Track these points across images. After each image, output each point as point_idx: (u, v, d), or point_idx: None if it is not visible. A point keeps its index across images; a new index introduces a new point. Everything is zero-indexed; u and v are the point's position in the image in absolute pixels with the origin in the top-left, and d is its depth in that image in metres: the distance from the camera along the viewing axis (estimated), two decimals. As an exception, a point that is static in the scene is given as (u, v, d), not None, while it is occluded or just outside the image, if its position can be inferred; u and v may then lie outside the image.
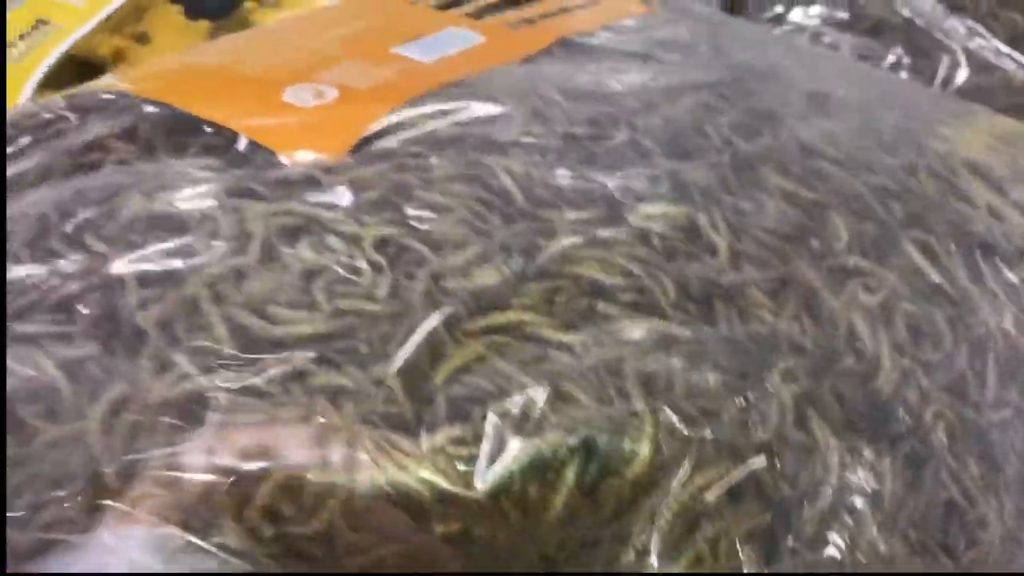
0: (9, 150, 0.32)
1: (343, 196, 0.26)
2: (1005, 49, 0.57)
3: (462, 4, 0.37)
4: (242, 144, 0.28)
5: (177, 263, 0.25)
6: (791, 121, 0.30)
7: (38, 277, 0.25)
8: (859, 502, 0.21)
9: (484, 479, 0.20)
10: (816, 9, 0.56)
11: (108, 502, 0.22)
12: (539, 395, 0.21)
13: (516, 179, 0.26)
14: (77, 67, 0.39)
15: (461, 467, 0.21)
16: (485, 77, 0.31)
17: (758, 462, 0.20)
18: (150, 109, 0.30)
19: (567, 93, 0.30)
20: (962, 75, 0.56)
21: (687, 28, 0.38)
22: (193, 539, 0.21)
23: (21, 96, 0.38)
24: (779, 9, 0.56)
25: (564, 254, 0.24)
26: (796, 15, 0.56)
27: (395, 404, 0.22)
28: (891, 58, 0.57)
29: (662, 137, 0.28)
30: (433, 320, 0.23)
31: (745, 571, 0.20)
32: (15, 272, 0.26)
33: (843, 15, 0.56)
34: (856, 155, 0.30)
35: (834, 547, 0.21)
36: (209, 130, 0.29)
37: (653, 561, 0.20)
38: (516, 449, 0.20)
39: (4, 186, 0.30)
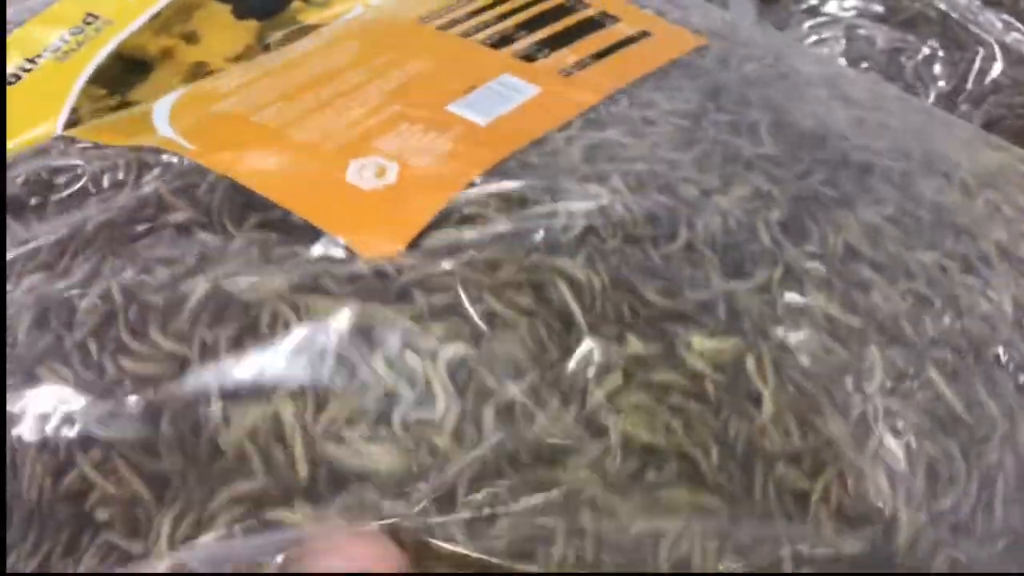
0: (64, 193, 0.32)
1: (415, 299, 0.27)
2: (1040, 43, 0.58)
3: (513, 40, 0.37)
4: (307, 227, 0.29)
5: (254, 373, 0.26)
6: (838, 213, 0.31)
7: (111, 378, 0.27)
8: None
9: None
10: (851, 1, 0.56)
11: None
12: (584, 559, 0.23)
13: (577, 294, 0.27)
14: (123, 63, 0.39)
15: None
16: (545, 150, 0.31)
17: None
18: (212, 178, 0.30)
19: (627, 179, 0.30)
20: (997, 68, 0.57)
21: (737, 70, 0.38)
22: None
23: (71, 93, 0.38)
24: (814, 1, 0.56)
25: (613, 400, 0.25)
26: (831, 7, 0.56)
27: (457, 546, 0.23)
28: (926, 51, 0.57)
29: (718, 242, 0.29)
30: (496, 457, 0.24)
31: None
32: (86, 369, 0.27)
33: (878, 7, 0.56)
34: (895, 254, 0.31)
35: None
36: (273, 207, 0.29)
37: None
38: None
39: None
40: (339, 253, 0.28)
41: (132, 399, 0.26)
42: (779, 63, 0.40)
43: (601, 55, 0.37)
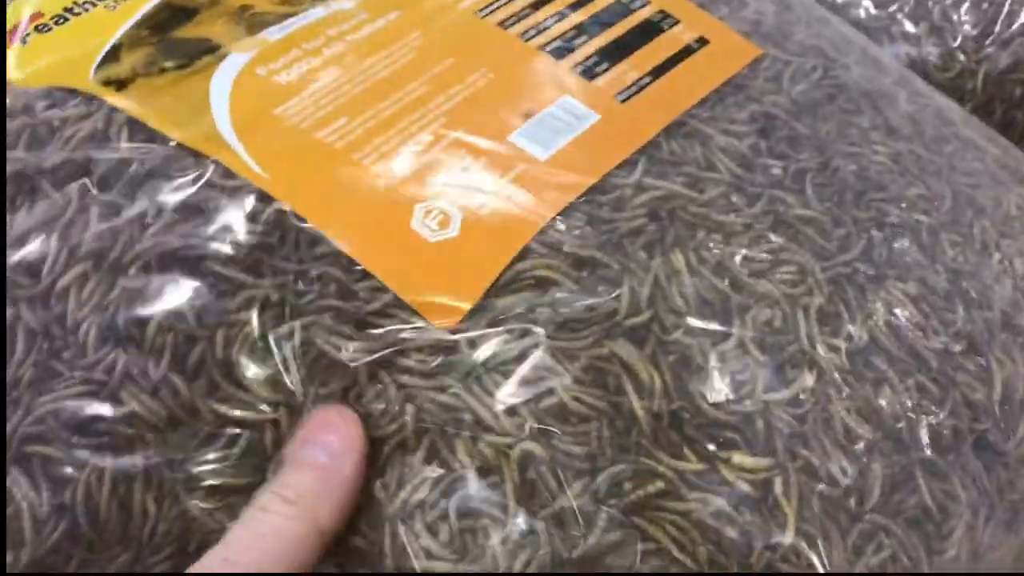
0: (113, 179, 0.32)
1: (485, 384, 0.29)
2: (1072, -13, 0.58)
3: (573, 48, 0.36)
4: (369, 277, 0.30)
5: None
6: (869, 294, 0.33)
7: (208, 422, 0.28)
8: None
9: None
10: (881, -55, 0.55)
11: None
12: None
13: (642, 395, 0.29)
14: (171, 10, 0.38)
15: None
16: (611, 198, 0.32)
17: None
18: (278, 207, 0.30)
19: (688, 254, 0.31)
20: (1028, 11, 0.57)
21: (787, 92, 0.38)
22: None
23: (116, 33, 0.36)
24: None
25: (649, 509, 0.27)
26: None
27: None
28: (958, -5, 0.57)
29: (765, 342, 0.30)
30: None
31: None
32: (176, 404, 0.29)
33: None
34: (911, 343, 0.33)
35: None
36: (339, 250, 0.30)
37: None
38: None
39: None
40: (407, 313, 0.29)
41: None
42: (826, 77, 0.40)
43: (659, 71, 0.36)
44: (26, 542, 0.29)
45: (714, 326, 0.30)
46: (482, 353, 0.29)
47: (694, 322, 0.30)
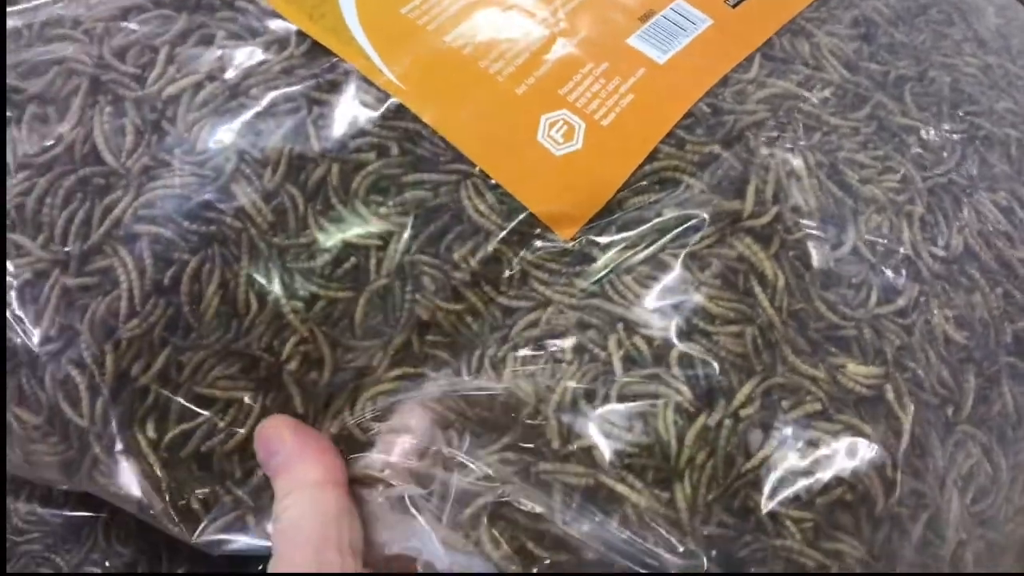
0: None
1: (622, 290, 0.30)
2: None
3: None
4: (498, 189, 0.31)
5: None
6: (964, 204, 0.34)
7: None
8: None
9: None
10: None
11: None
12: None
13: (766, 289, 0.30)
14: None
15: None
16: (732, 91, 0.33)
17: None
18: (410, 125, 0.31)
19: (806, 155, 0.32)
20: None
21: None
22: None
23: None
24: None
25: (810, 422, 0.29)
26: None
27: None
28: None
29: (877, 248, 0.32)
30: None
31: None
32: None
33: None
34: (1001, 251, 0.34)
35: None
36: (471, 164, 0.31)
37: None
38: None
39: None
40: (539, 225, 0.31)
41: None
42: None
43: (765, -24, 0.37)
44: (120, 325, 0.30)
45: (831, 227, 0.31)
46: (613, 258, 0.30)
47: (813, 222, 0.31)
